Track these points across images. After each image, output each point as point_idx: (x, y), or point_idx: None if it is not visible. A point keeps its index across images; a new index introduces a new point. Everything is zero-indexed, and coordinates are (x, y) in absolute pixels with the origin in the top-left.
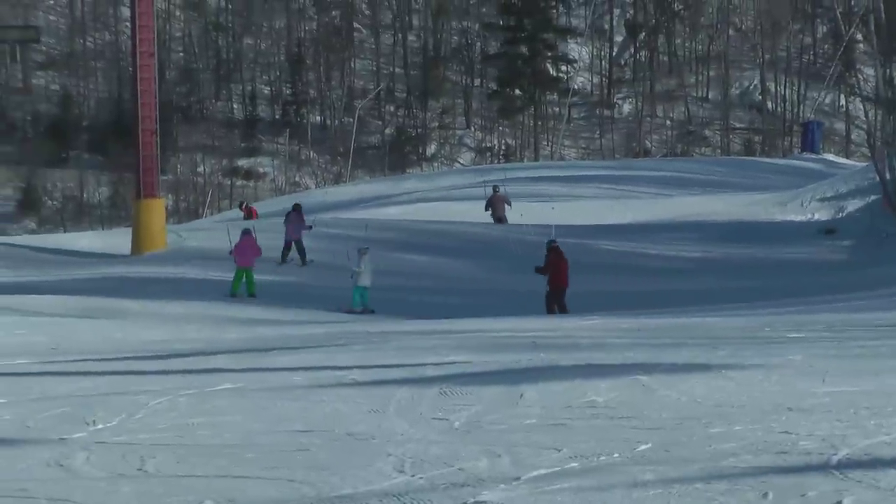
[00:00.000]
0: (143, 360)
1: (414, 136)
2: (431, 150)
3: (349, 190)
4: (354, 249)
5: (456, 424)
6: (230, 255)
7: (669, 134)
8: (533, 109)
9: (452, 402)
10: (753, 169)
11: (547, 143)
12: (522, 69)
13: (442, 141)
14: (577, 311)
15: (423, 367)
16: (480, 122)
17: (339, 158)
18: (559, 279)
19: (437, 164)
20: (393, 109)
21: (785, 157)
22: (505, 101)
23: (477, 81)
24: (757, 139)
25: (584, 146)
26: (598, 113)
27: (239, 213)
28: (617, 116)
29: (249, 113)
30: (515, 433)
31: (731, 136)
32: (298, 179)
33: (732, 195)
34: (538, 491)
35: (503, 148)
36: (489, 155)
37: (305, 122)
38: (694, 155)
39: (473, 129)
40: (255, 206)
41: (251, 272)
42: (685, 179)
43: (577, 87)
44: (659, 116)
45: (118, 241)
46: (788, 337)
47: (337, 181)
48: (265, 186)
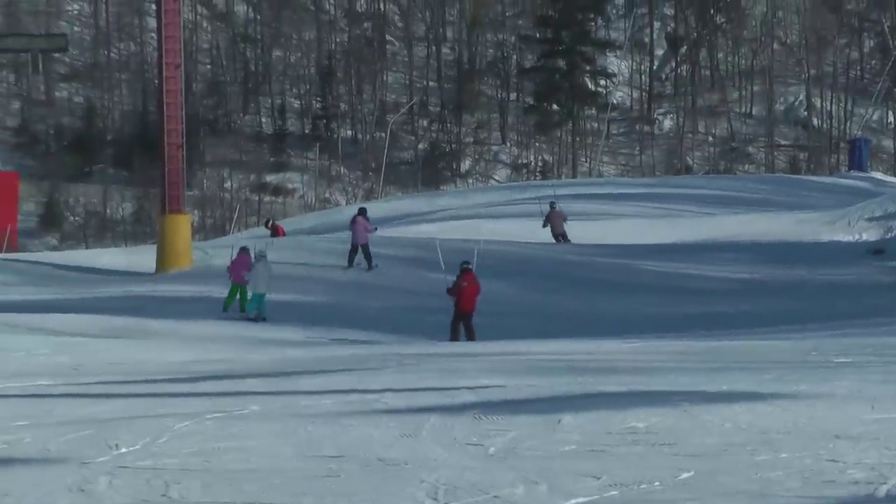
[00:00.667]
0: (167, 381)
1: (448, 151)
2: (466, 166)
3: (381, 206)
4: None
5: (491, 450)
6: (227, 270)
7: (712, 150)
8: (571, 125)
9: (487, 427)
10: (799, 187)
11: (585, 159)
12: (560, 83)
13: (477, 156)
14: (618, 333)
15: (456, 391)
16: (516, 137)
17: (370, 174)
18: (462, 303)
19: (471, 180)
20: (426, 124)
21: (831, 174)
22: (542, 115)
23: (513, 95)
24: (802, 156)
25: (623, 163)
26: (637, 128)
27: (265, 230)
28: (657, 132)
29: (278, 127)
30: (553, 460)
31: (775, 153)
32: (329, 195)
33: (777, 214)
34: None
35: (540, 164)
36: (525, 171)
37: (336, 136)
38: (737, 173)
39: (509, 144)
40: (281, 223)
41: (245, 289)
42: (729, 198)
43: (616, 101)
44: (701, 132)
45: (142, 258)
46: (836, 361)
47: (368, 197)
48: (294, 203)
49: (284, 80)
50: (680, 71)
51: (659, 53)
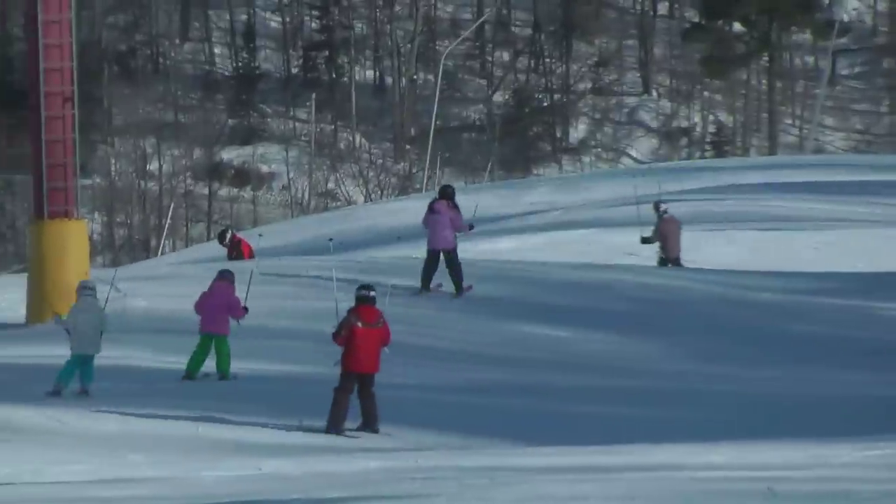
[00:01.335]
0: None
1: (545, 106)
2: (578, 133)
3: (425, 207)
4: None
5: None
6: (196, 310)
7: None
8: (767, 60)
9: None
10: None
11: (792, 121)
12: None
13: (597, 116)
14: (846, 430)
15: None
16: (668, 82)
17: (407, 148)
18: (354, 357)
19: (588, 158)
20: (508, 58)
21: None
22: (713, 44)
23: (662, 8)
24: None
25: (859, 129)
26: (884, 66)
27: (220, 247)
28: None
29: (242, 63)
30: None
31: None
32: (332, 185)
33: None
34: None
35: (712, 130)
36: (685, 141)
37: (346, 79)
38: None
39: (656, 94)
40: (243, 235)
41: (225, 342)
42: None
43: (846, 19)
44: None
45: (3, 298)
46: None
47: (403, 191)
48: (271, 199)
49: None
50: None
51: None
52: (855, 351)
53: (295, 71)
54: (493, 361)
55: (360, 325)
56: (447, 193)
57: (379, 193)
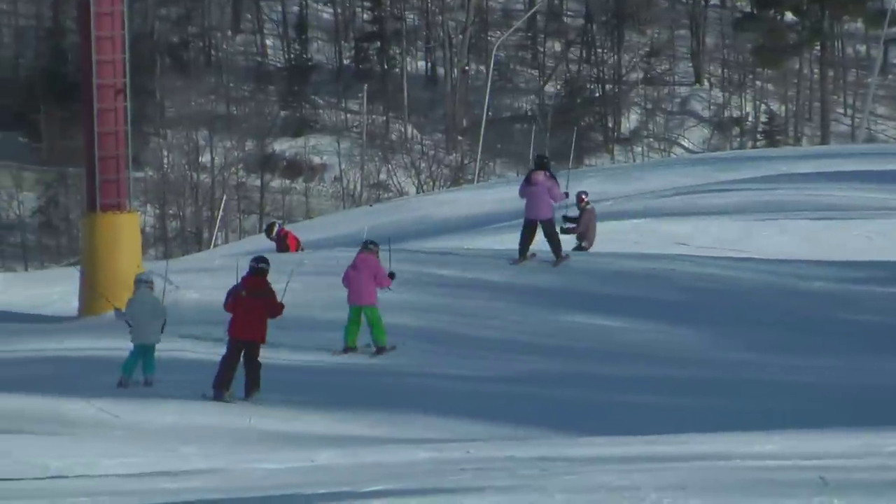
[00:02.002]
0: None
1: (598, 97)
2: (630, 123)
3: (479, 196)
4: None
5: None
6: (343, 285)
7: None
8: (819, 49)
9: None
10: None
11: (844, 110)
12: None
13: (649, 106)
14: (886, 418)
15: None
16: (720, 72)
17: (459, 139)
18: (232, 324)
19: (640, 147)
20: (559, 48)
21: None
22: (765, 33)
23: None
24: None
25: None
26: None
27: (268, 241)
28: None
29: (294, 55)
30: None
31: None
32: (384, 177)
33: None
34: None
35: (764, 119)
36: (737, 131)
37: (398, 69)
38: None
39: (708, 84)
40: (292, 228)
41: (376, 312)
42: None
43: None
44: None
45: (56, 291)
46: None
47: (454, 181)
48: (324, 190)
49: None
50: None
51: None
52: None
53: (347, 62)
54: (542, 351)
55: (244, 293)
56: (543, 164)
57: (431, 184)
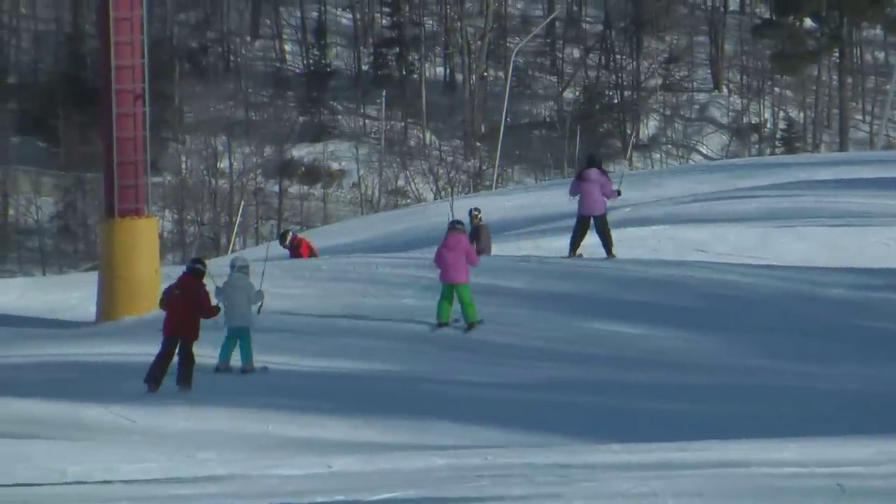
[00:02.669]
0: None
1: (616, 103)
2: (649, 129)
3: (498, 203)
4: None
5: None
6: (436, 265)
7: None
8: (838, 55)
9: None
10: None
11: (863, 117)
12: None
13: (668, 113)
14: None
15: None
16: (739, 78)
17: (478, 145)
18: (165, 321)
19: (659, 154)
20: (578, 55)
21: None
22: (784, 40)
23: (732, 4)
24: None
25: None
26: None
27: (282, 249)
28: None
29: (312, 60)
30: None
31: None
32: (402, 183)
33: None
34: None
35: (782, 126)
36: (755, 138)
37: (416, 75)
38: None
39: (727, 90)
40: (307, 236)
41: (467, 290)
42: None
43: None
44: None
45: (74, 296)
46: None
47: (473, 188)
48: (342, 197)
49: None
50: None
51: None
52: None
53: (365, 68)
54: (562, 358)
55: (177, 292)
56: (596, 161)
57: (449, 191)
